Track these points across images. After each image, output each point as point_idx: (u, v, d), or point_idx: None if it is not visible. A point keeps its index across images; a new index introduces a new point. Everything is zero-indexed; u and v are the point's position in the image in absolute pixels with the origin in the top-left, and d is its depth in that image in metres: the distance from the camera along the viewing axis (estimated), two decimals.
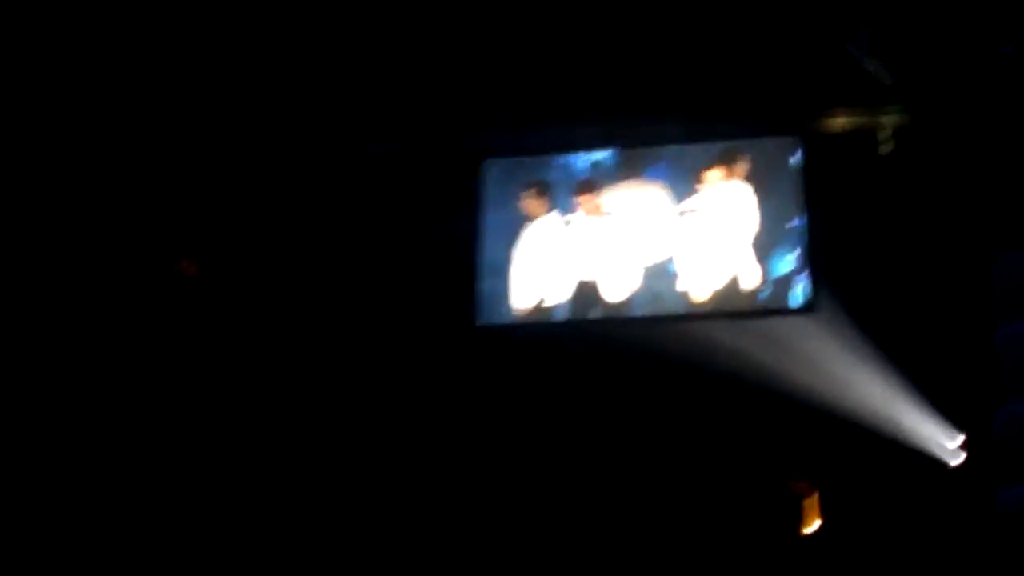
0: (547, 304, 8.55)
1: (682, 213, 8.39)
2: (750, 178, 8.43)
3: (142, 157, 8.74)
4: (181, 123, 8.66)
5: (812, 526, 8.31)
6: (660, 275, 8.40)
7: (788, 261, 8.33)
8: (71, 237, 8.68)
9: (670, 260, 8.41)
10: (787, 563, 8.23)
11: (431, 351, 8.81)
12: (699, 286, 8.33)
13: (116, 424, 8.57)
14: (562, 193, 8.64)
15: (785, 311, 8.32)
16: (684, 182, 8.46)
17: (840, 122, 8.48)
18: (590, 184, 8.55)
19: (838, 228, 8.41)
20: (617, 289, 8.42)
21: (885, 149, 8.45)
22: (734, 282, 8.33)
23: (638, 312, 8.40)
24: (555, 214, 8.63)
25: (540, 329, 8.65)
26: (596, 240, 8.47)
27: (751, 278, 8.31)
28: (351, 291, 8.94)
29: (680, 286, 8.37)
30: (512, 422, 8.72)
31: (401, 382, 8.81)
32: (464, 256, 8.75)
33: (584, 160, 8.69)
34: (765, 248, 8.36)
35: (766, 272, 8.34)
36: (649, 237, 8.41)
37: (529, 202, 8.67)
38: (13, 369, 8.31)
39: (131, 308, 8.74)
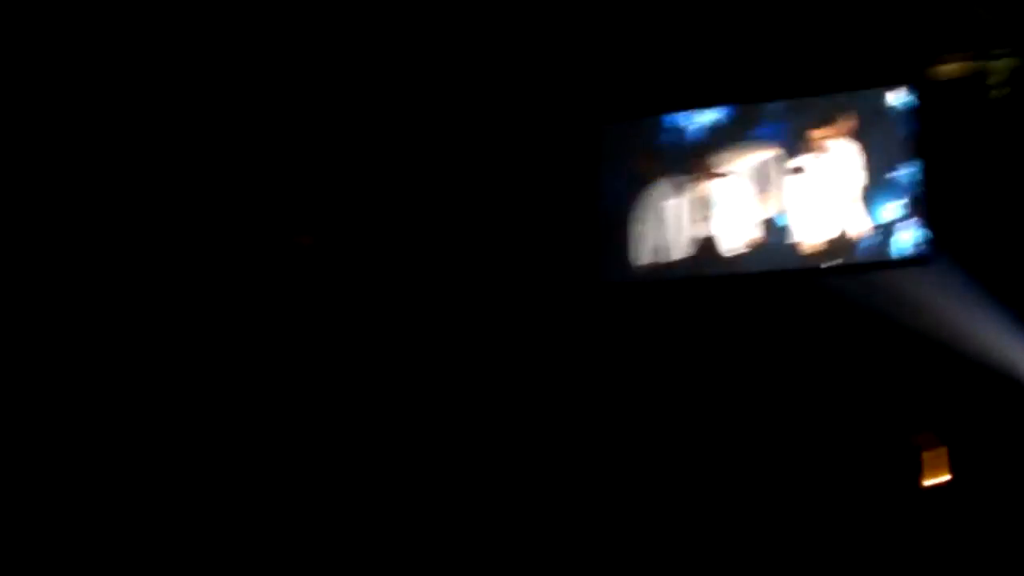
0: (667, 260, 8.73)
1: (791, 171, 8.42)
2: (857, 133, 8.42)
3: (259, 131, 8.91)
4: (294, 98, 8.81)
5: (938, 479, 8.21)
6: (773, 230, 8.51)
7: (898, 212, 8.28)
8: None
9: (782, 216, 8.48)
10: (911, 517, 8.16)
11: (558, 306, 9.02)
12: (810, 239, 8.40)
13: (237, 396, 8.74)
14: (677, 157, 8.80)
15: (899, 262, 8.26)
16: (792, 142, 8.53)
17: (950, 68, 8.34)
18: (703, 147, 8.71)
19: (950, 177, 8.30)
20: (733, 245, 8.56)
21: (997, 93, 8.30)
22: (844, 234, 8.35)
23: (754, 267, 8.50)
24: (671, 176, 8.77)
25: (661, 285, 8.83)
26: (711, 199, 8.62)
27: (862, 230, 8.30)
28: (475, 256, 9.16)
29: (792, 240, 8.43)
30: (636, 373, 8.84)
31: (528, 339, 8.99)
32: (587, 216, 8.98)
33: (696, 122, 8.81)
34: (874, 200, 8.33)
35: (876, 224, 8.32)
36: (761, 195, 8.50)
37: (646, 166, 8.86)
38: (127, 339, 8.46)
39: (247, 280, 8.88)
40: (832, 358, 8.48)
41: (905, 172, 8.28)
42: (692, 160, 8.71)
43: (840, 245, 8.35)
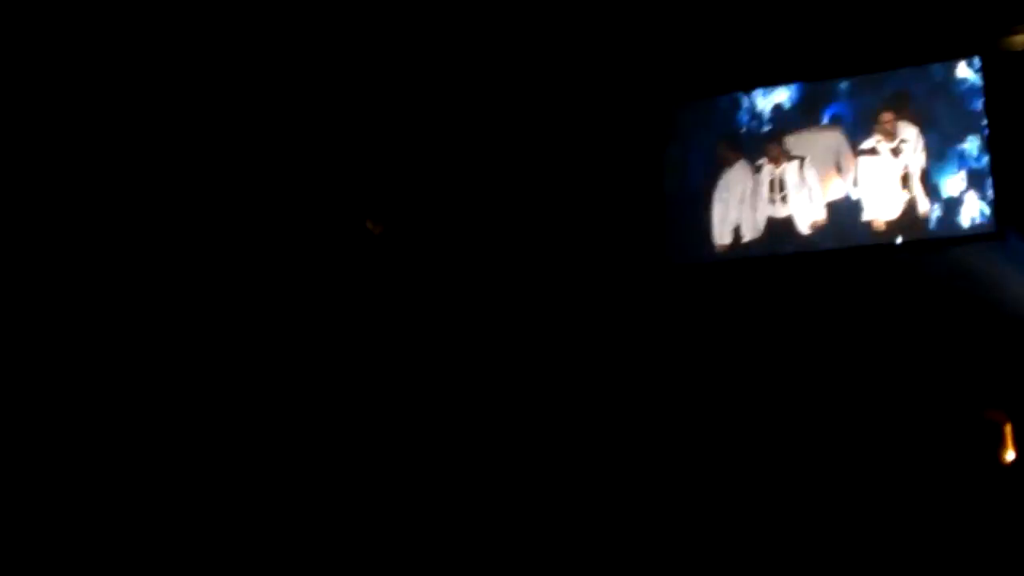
0: (742, 241, 8.83)
1: (862, 151, 8.44)
2: (926, 108, 8.39)
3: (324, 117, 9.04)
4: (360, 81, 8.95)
5: (1008, 455, 8.14)
6: (844, 210, 8.52)
7: (968, 187, 8.23)
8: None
9: (852, 195, 8.49)
10: (989, 492, 8.08)
11: (630, 289, 9.12)
12: (882, 216, 8.41)
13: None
14: (751, 138, 8.87)
15: (970, 237, 8.20)
16: (862, 121, 8.54)
17: (1021, 39, 8.28)
18: (776, 129, 8.77)
19: (1021, 151, 8.24)
20: (806, 224, 8.62)
21: None
22: (916, 211, 8.33)
23: (827, 245, 8.54)
24: (745, 157, 8.87)
25: (733, 265, 8.91)
26: (784, 181, 8.66)
27: (932, 206, 8.29)
28: (544, 238, 9.22)
29: (864, 218, 8.45)
30: (710, 354, 8.90)
31: (598, 322, 9.06)
32: (659, 198, 9.06)
33: (768, 102, 8.84)
34: (944, 175, 8.30)
35: (946, 199, 8.29)
36: (833, 175, 8.55)
37: (722, 151, 8.95)
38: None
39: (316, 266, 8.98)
40: (905, 334, 8.44)
41: (975, 146, 8.20)
42: (766, 142, 8.77)
43: (911, 222, 8.32)
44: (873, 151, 8.42)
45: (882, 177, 8.40)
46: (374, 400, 8.83)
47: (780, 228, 8.67)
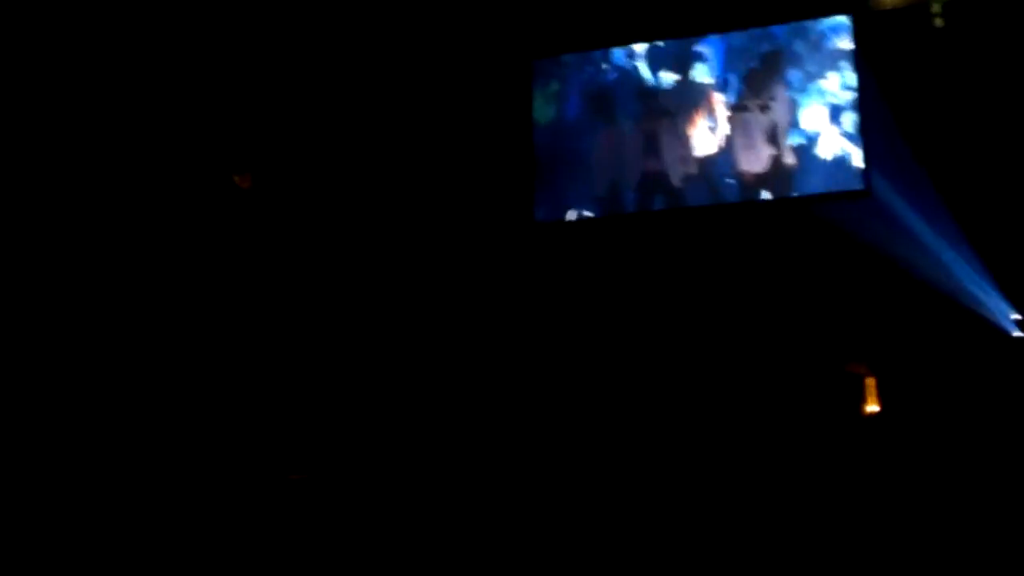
0: (618, 194, 8.76)
1: (731, 108, 8.49)
2: (794, 72, 8.41)
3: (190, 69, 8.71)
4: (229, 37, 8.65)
5: (872, 408, 8.50)
6: (715, 164, 8.53)
7: (838, 144, 8.27)
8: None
9: (723, 150, 8.51)
10: (849, 444, 8.44)
11: (493, 247, 9.03)
12: (750, 170, 8.43)
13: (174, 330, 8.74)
14: (627, 97, 8.78)
15: (839, 194, 8.31)
16: (733, 81, 8.55)
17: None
18: (651, 88, 8.71)
19: (891, 108, 8.30)
20: (678, 178, 8.59)
21: (940, 23, 8.23)
22: (782, 166, 8.36)
23: (696, 199, 8.55)
24: (621, 115, 8.79)
25: (602, 223, 8.85)
26: (658, 136, 8.64)
27: (799, 163, 8.33)
28: (410, 197, 9.04)
29: (733, 171, 8.48)
30: (574, 308, 8.93)
31: (463, 280, 9.01)
32: (523, 154, 8.91)
33: (643, 60, 8.78)
34: (812, 134, 8.34)
35: (814, 156, 8.33)
36: (704, 131, 8.55)
37: (596, 107, 8.87)
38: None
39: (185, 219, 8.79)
40: (771, 289, 8.62)
41: (844, 104, 8.24)
42: (642, 98, 8.72)
43: (779, 176, 8.37)
44: (743, 107, 8.45)
45: (751, 132, 8.42)
46: (242, 349, 8.86)
47: (653, 181, 8.64)
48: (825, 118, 8.29)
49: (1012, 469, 8.00)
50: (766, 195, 8.39)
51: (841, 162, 8.25)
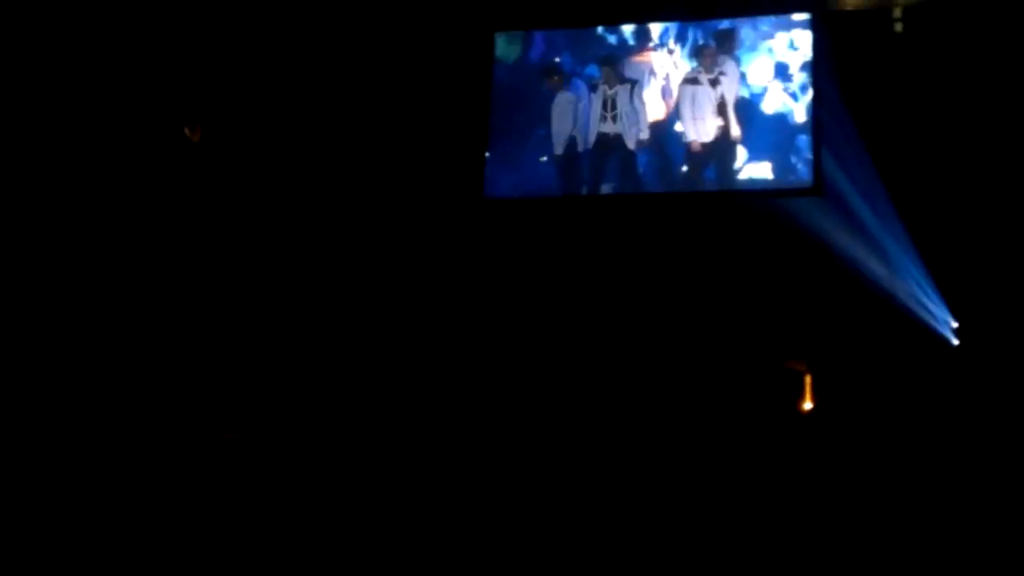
0: (576, 151, 8.78)
1: (684, 79, 8.60)
2: (747, 54, 8.52)
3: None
4: None
5: (806, 405, 8.54)
6: (666, 130, 8.62)
7: (794, 140, 8.31)
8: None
9: (674, 118, 8.59)
10: (787, 440, 8.47)
11: (444, 221, 9.01)
12: (698, 139, 8.54)
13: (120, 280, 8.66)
14: (588, 64, 8.88)
15: (791, 191, 8.35)
16: (689, 54, 8.66)
17: (853, 0, 8.33)
18: (612, 56, 8.83)
19: (847, 107, 8.37)
20: (632, 141, 8.67)
21: (900, 28, 8.31)
22: (728, 138, 8.46)
23: (647, 164, 8.63)
24: (579, 80, 8.87)
25: (554, 203, 8.85)
26: (616, 102, 8.74)
27: (744, 138, 8.42)
28: (362, 164, 8.98)
29: (683, 140, 8.57)
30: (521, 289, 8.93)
31: (410, 254, 8.96)
32: (476, 127, 8.84)
33: (606, 33, 8.88)
34: (759, 113, 8.43)
35: (759, 135, 8.41)
36: (658, 99, 8.67)
37: (547, 79, 8.91)
38: None
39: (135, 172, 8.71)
40: (712, 282, 8.68)
41: (802, 100, 8.30)
42: (603, 65, 8.82)
43: (724, 147, 8.46)
44: (695, 80, 8.57)
45: (700, 104, 8.55)
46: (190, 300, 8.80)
47: (609, 143, 8.70)
48: (771, 101, 8.38)
49: (938, 473, 8.07)
50: (711, 170, 8.46)
51: (791, 157, 8.29)
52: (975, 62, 8.27)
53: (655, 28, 8.73)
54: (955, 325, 8.40)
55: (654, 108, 8.64)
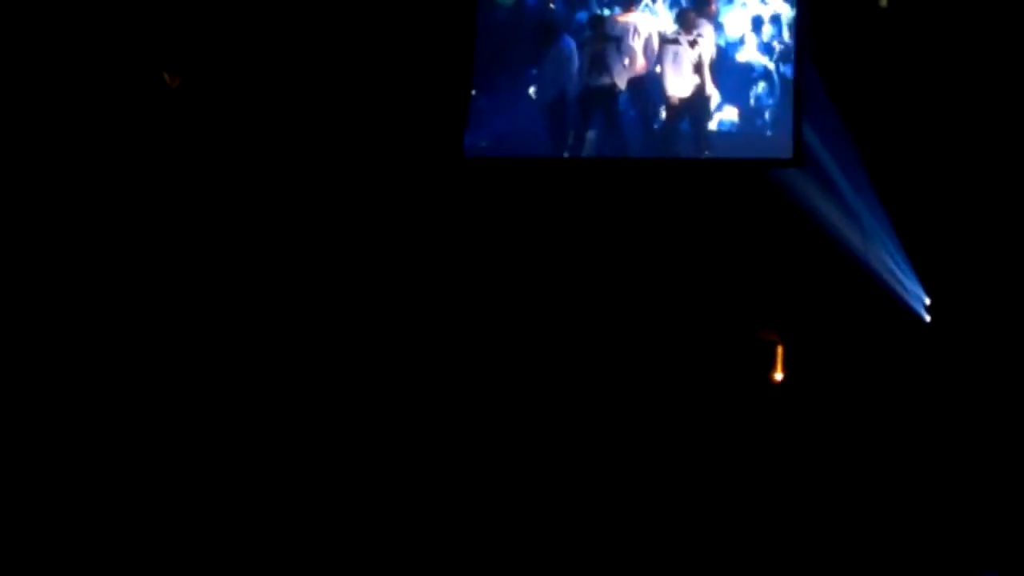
0: (565, 100, 8.88)
1: (665, 39, 8.75)
2: (723, 17, 8.68)
3: None
4: None
5: (778, 376, 8.56)
6: (648, 85, 8.77)
7: (773, 109, 8.37)
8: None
9: (655, 74, 8.74)
10: (759, 411, 8.49)
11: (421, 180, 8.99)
12: (676, 95, 8.68)
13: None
14: (570, 20, 9.02)
15: (771, 161, 8.39)
16: (671, 15, 8.82)
17: None
18: (595, 18, 8.97)
19: (830, 80, 8.41)
20: (614, 96, 8.82)
21: (884, 3, 8.36)
22: (703, 94, 8.60)
23: (628, 118, 8.76)
24: (570, 36, 9.01)
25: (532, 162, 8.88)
26: (604, 56, 8.90)
27: (719, 96, 8.57)
28: (341, 117, 8.95)
29: (663, 94, 8.71)
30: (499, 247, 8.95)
31: (390, 212, 8.93)
32: (459, 84, 8.82)
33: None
34: (750, 92, 8.49)
35: (749, 116, 8.45)
36: (640, 56, 8.80)
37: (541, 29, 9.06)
38: None
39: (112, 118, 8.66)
40: (686, 252, 8.71)
41: (788, 72, 8.35)
42: (592, 24, 8.96)
43: (700, 102, 8.59)
44: (675, 40, 8.75)
45: (680, 62, 8.72)
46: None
47: (594, 94, 8.83)
48: (763, 77, 8.48)
49: (905, 450, 8.12)
50: (685, 122, 8.62)
51: (771, 126, 8.36)
52: (955, 34, 8.31)
53: None
54: (928, 302, 8.43)
55: (637, 64, 8.79)
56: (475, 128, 8.87)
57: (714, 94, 8.53)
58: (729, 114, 8.47)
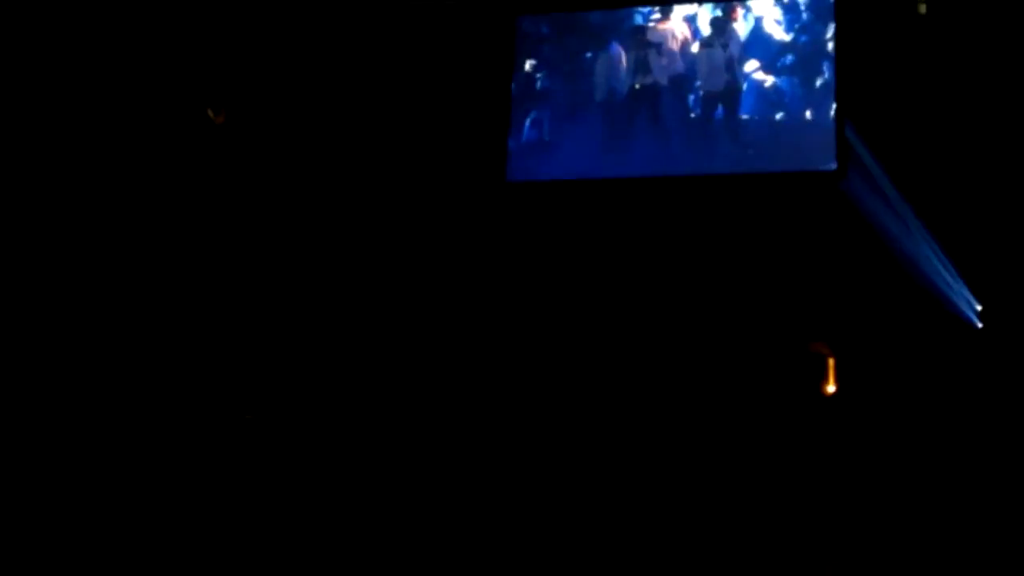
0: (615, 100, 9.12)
1: (700, 43, 9.00)
2: (753, 22, 8.85)
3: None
4: None
5: (831, 388, 8.52)
6: (684, 84, 9.00)
7: (814, 118, 8.40)
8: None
9: (691, 74, 8.98)
10: (812, 423, 8.45)
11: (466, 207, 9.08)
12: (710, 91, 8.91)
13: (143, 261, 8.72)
14: (611, 37, 9.27)
15: (814, 172, 8.37)
16: (704, 22, 9.05)
17: None
18: (642, 25, 9.22)
19: (870, 88, 8.38)
20: (657, 93, 9.07)
21: (923, 9, 8.33)
22: (735, 91, 8.81)
23: (669, 111, 8.97)
24: (617, 44, 9.26)
25: (572, 186, 8.95)
26: (648, 61, 9.17)
27: (747, 92, 8.75)
28: (383, 148, 8.99)
29: (698, 92, 8.94)
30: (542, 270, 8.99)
31: (430, 240, 8.99)
32: (498, 112, 8.96)
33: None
34: (791, 102, 8.57)
35: (791, 126, 8.50)
36: (678, 59, 9.10)
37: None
38: None
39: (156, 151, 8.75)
40: (736, 265, 8.70)
41: (827, 80, 8.35)
42: (635, 33, 9.19)
43: (731, 97, 8.80)
44: (709, 44, 8.97)
45: (712, 63, 8.93)
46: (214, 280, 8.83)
47: (639, 95, 9.03)
48: (802, 84, 8.60)
49: (961, 458, 8.06)
50: (719, 110, 8.83)
51: (813, 136, 8.39)
52: (996, 37, 8.28)
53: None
54: (979, 308, 8.37)
55: (675, 66, 9.03)
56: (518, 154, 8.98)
57: (746, 88, 8.72)
58: (760, 100, 8.65)
